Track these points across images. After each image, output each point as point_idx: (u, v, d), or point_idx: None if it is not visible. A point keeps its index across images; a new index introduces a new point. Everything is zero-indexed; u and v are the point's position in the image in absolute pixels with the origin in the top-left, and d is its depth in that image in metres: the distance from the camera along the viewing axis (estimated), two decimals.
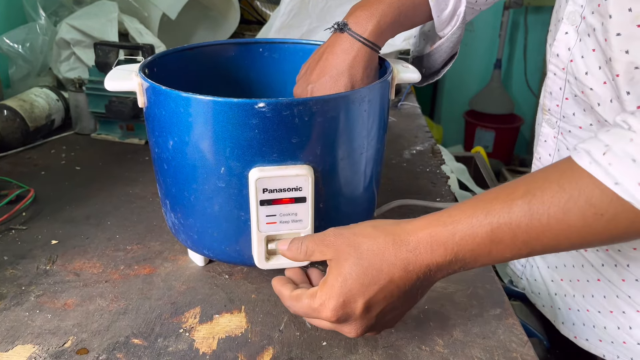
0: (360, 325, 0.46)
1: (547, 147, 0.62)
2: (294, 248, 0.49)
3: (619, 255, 0.55)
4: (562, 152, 0.60)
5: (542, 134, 0.63)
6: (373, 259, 0.44)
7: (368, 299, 0.44)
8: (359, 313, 0.45)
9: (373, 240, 0.45)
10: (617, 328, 0.57)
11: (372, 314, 0.45)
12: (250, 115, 0.50)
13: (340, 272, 0.45)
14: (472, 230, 0.42)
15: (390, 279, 0.44)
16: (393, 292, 0.45)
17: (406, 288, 0.45)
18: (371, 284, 0.44)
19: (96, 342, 0.52)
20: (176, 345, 0.52)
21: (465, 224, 0.43)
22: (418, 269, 0.44)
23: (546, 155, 0.63)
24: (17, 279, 0.61)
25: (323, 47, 0.63)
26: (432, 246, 0.43)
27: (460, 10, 0.63)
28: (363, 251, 0.45)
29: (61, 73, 1.11)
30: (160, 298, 0.59)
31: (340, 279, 0.44)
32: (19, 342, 0.52)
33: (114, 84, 0.57)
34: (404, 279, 0.44)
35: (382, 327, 0.48)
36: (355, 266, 0.44)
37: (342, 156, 0.55)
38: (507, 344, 0.53)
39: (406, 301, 0.46)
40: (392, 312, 0.47)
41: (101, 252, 0.67)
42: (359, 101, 0.54)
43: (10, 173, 0.86)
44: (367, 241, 0.45)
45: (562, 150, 0.60)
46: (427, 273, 0.44)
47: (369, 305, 0.45)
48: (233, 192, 0.54)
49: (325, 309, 0.45)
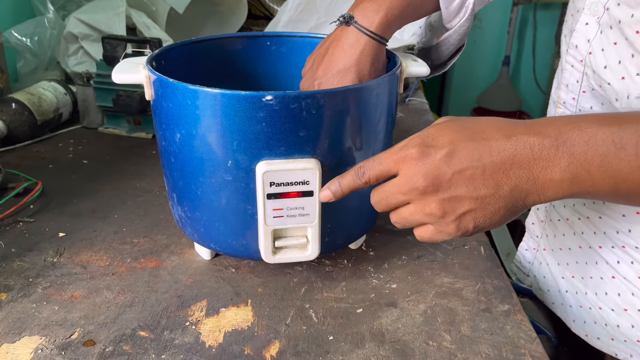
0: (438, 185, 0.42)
1: None
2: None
3: (637, 253, 0.54)
4: None
5: None
6: (476, 121, 0.43)
7: (453, 144, 0.42)
8: (439, 157, 0.42)
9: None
10: (631, 326, 0.56)
11: (453, 166, 0.42)
12: (258, 108, 0.50)
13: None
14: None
15: (487, 139, 0.42)
16: (483, 159, 0.41)
17: (496, 168, 0.41)
18: (463, 130, 0.42)
19: (103, 334, 0.52)
20: (182, 338, 0.52)
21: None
22: (522, 149, 0.41)
23: None
24: (24, 271, 0.61)
25: (329, 41, 0.62)
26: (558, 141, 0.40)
27: (469, 2, 0.63)
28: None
29: (69, 67, 1.11)
30: (167, 291, 0.59)
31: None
32: (25, 333, 0.52)
33: (122, 76, 0.57)
34: (501, 152, 0.41)
35: (461, 215, 0.43)
36: (449, 121, 0.44)
37: (350, 150, 0.55)
38: (516, 340, 0.52)
39: (490, 193, 0.42)
40: (474, 193, 0.42)
41: (108, 245, 0.67)
42: (367, 94, 0.53)
43: (18, 166, 0.86)
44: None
45: None
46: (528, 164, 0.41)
47: (451, 152, 0.42)
48: (240, 185, 0.53)
49: (404, 150, 0.44)
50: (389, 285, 0.60)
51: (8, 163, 0.88)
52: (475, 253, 0.66)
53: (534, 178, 0.41)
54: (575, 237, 0.61)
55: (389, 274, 0.62)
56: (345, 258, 0.65)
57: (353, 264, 0.64)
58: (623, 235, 0.55)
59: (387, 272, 0.62)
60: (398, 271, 0.63)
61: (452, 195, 0.43)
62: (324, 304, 0.57)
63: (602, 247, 0.58)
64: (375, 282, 0.61)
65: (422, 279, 0.61)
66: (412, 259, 0.65)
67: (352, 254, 0.66)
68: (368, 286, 0.60)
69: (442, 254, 0.66)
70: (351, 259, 0.65)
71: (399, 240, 0.69)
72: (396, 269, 0.63)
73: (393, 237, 0.69)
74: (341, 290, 0.59)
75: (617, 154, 0.39)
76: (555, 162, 0.40)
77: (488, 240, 0.69)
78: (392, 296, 0.58)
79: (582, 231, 0.60)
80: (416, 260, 0.65)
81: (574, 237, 0.61)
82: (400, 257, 0.65)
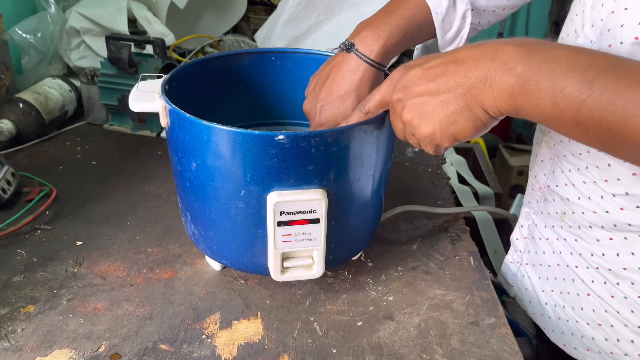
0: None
1: (543, 167, 0.66)
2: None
3: (610, 274, 0.60)
4: (556, 174, 0.64)
5: (540, 153, 0.67)
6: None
7: (425, 59, 0.51)
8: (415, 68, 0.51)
9: None
10: (604, 339, 0.63)
11: (422, 70, 0.50)
12: (271, 146, 0.53)
13: None
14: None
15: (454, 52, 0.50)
16: (447, 59, 0.49)
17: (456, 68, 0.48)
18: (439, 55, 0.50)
19: (127, 347, 0.57)
20: (200, 352, 0.57)
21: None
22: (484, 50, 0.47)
23: (542, 175, 0.67)
24: (48, 281, 0.66)
25: (330, 65, 0.66)
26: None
27: (463, 32, 0.66)
28: None
29: (72, 61, 1.13)
30: (182, 303, 0.64)
31: None
32: (56, 346, 0.57)
33: (139, 105, 0.60)
34: (464, 54, 0.48)
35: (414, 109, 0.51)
36: None
37: (354, 179, 0.59)
38: (500, 354, 0.58)
39: (450, 89, 0.48)
40: (434, 89, 0.49)
41: (124, 254, 0.71)
42: (370, 130, 0.57)
43: (29, 167, 0.90)
44: None
45: (557, 172, 0.64)
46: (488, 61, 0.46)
47: (421, 63, 0.51)
48: (252, 212, 0.58)
49: None
50: (386, 297, 0.66)
51: (19, 163, 0.91)
52: (466, 264, 0.72)
53: (491, 79, 0.46)
54: (554, 255, 0.66)
55: (386, 285, 0.68)
56: (346, 269, 0.70)
57: (353, 276, 0.69)
58: (597, 257, 0.61)
59: (384, 284, 0.68)
60: (394, 283, 0.68)
61: (416, 92, 0.50)
62: (327, 316, 0.62)
63: (577, 267, 0.63)
64: (373, 295, 0.66)
65: (417, 291, 0.67)
66: (407, 269, 0.70)
67: (352, 265, 0.71)
68: (367, 298, 0.65)
69: (435, 265, 0.71)
70: (351, 270, 0.70)
71: (395, 250, 0.74)
72: (393, 281, 0.68)
73: (390, 247, 0.75)
74: (342, 302, 0.65)
75: (566, 72, 0.43)
76: (513, 67, 0.45)
77: (477, 251, 0.75)
78: (389, 309, 0.64)
79: (560, 251, 0.65)
80: (411, 272, 0.70)
81: (553, 255, 0.67)
82: (397, 269, 0.70)
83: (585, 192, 0.59)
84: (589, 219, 0.60)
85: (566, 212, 0.63)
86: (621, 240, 0.57)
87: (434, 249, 0.75)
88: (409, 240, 0.76)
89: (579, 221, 0.61)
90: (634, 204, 0.55)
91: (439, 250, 0.74)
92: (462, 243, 0.76)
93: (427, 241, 0.76)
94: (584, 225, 0.61)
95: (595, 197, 0.58)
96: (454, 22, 0.65)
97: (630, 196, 0.55)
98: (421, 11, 0.65)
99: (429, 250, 0.74)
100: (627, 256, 0.57)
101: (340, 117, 0.65)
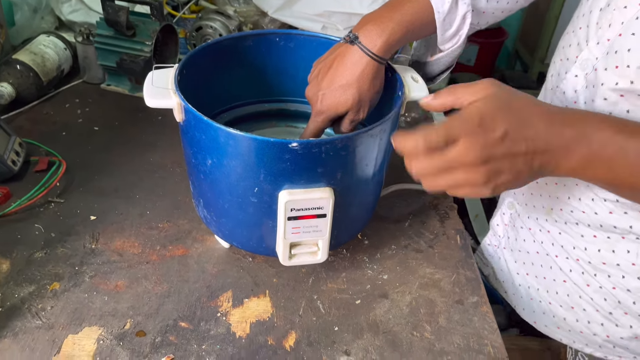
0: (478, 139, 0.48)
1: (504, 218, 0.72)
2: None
3: (589, 266, 0.67)
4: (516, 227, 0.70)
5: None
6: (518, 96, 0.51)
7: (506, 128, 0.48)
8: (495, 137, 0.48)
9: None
10: (575, 320, 0.71)
11: (504, 146, 0.48)
12: (284, 152, 0.57)
13: None
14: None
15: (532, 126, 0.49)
16: (527, 142, 0.48)
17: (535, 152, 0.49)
18: (511, 112, 0.49)
19: (150, 325, 0.63)
20: (216, 329, 0.64)
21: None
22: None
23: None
24: (69, 258, 0.71)
25: (334, 54, 0.68)
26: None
27: (462, 31, 0.69)
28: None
29: (63, 15, 1.11)
30: (197, 281, 0.69)
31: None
32: (85, 324, 0.63)
33: (155, 102, 0.62)
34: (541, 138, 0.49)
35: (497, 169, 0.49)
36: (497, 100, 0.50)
37: (358, 176, 0.64)
38: (481, 332, 0.66)
39: (526, 170, 0.49)
40: (514, 168, 0.49)
41: (136, 230, 0.76)
42: (376, 134, 0.61)
43: (31, 132, 0.91)
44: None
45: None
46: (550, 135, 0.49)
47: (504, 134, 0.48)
48: (264, 206, 0.62)
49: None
50: (381, 276, 0.73)
51: (20, 128, 0.93)
52: (453, 242, 0.79)
53: (557, 163, 0.50)
54: (534, 244, 0.73)
55: (381, 264, 0.74)
56: (344, 247, 0.76)
57: (351, 254, 0.75)
58: (579, 250, 0.68)
59: (380, 262, 0.75)
60: (389, 261, 0.75)
61: (498, 168, 0.49)
62: (329, 295, 0.69)
63: (558, 257, 0.70)
64: (370, 273, 0.73)
65: (409, 269, 0.74)
66: (400, 247, 0.77)
67: (350, 243, 0.77)
68: (364, 277, 0.72)
69: (425, 243, 0.78)
70: (349, 248, 0.76)
71: (390, 228, 0.80)
72: (387, 259, 0.75)
73: (384, 225, 0.81)
74: (342, 281, 0.71)
75: (621, 159, 0.49)
76: (577, 153, 0.49)
77: (464, 228, 0.82)
78: (384, 287, 0.71)
79: (542, 241, 0.72)
80: (403, 250, 0.77)
81: (533, 244, 0.74)
82: (390, 247, 0.77)
83: (577, 194, 0.65)
84: (577, 217, 0.66)
85: (554, 207, 0.69)
86: (604, 238, 0.64)
87: (424, 226, 0.81)
88: (402, 217, 0.83)
89: (566, 217, 0.68)
90: (623, 210, 0.61)
91: (429, 228, 0.81)
92: (450, 221, 0.83)
93: (418, 219, 0.83)
94: (570, 222, 0.67)
95: (586, 200, 0.64)
96: (454, 22, 0.67)
97: (621, 203, 0.61)
98: (424, 9, 0.66)
99: (420, 228, 0.81)
100: (608, 253, 0.64)
101: (341, 106, 0.67)
